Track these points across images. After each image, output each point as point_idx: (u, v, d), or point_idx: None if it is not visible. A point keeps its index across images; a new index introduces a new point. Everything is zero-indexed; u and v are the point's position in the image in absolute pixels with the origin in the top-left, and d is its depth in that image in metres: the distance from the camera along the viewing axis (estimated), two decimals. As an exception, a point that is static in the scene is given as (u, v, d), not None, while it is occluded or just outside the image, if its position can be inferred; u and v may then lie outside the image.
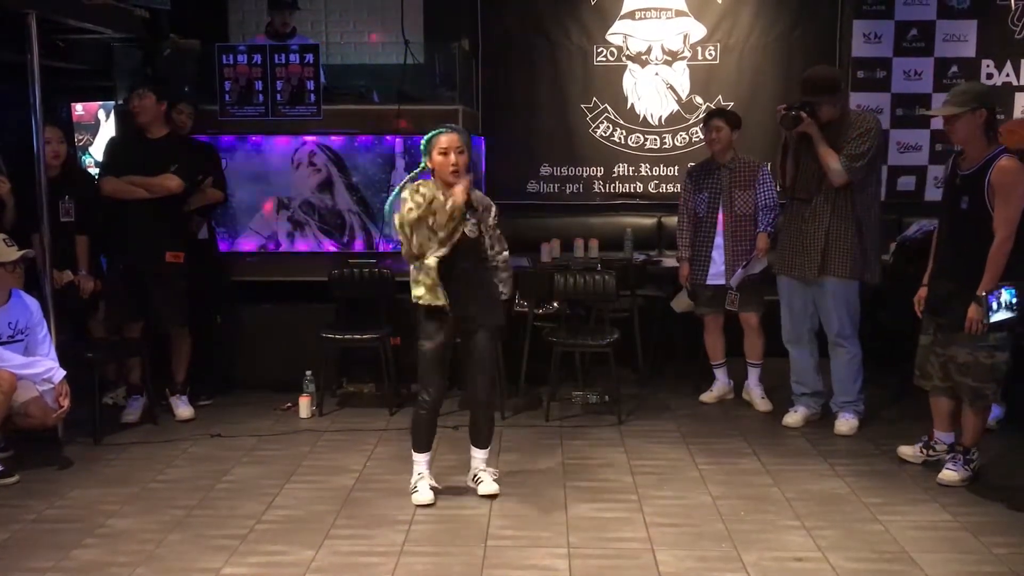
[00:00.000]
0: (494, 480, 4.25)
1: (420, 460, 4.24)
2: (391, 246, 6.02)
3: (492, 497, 4.17)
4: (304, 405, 5.52)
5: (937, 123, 5.24)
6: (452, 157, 3.93)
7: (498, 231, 4.19)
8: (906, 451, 4.69)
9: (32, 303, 4.72)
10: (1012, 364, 4.27)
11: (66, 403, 4.58)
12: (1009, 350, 4.21)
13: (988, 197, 4.10)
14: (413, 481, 4.22)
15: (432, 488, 4.20)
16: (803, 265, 5.07)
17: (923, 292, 4.47)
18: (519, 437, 5.13)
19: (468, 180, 3.97)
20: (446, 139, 3.93)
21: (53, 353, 4.71)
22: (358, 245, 6.07)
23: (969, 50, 7.01)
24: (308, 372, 5.65)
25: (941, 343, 4.35)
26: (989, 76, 6.99)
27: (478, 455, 4.30)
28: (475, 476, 4.28)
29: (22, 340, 4.64)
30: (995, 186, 4.06)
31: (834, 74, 5.24)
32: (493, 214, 4.15)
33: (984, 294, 4.05)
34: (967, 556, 3.63)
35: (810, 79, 4.99)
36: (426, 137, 4.01)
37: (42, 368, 4.56)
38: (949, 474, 4.36)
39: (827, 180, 4.92)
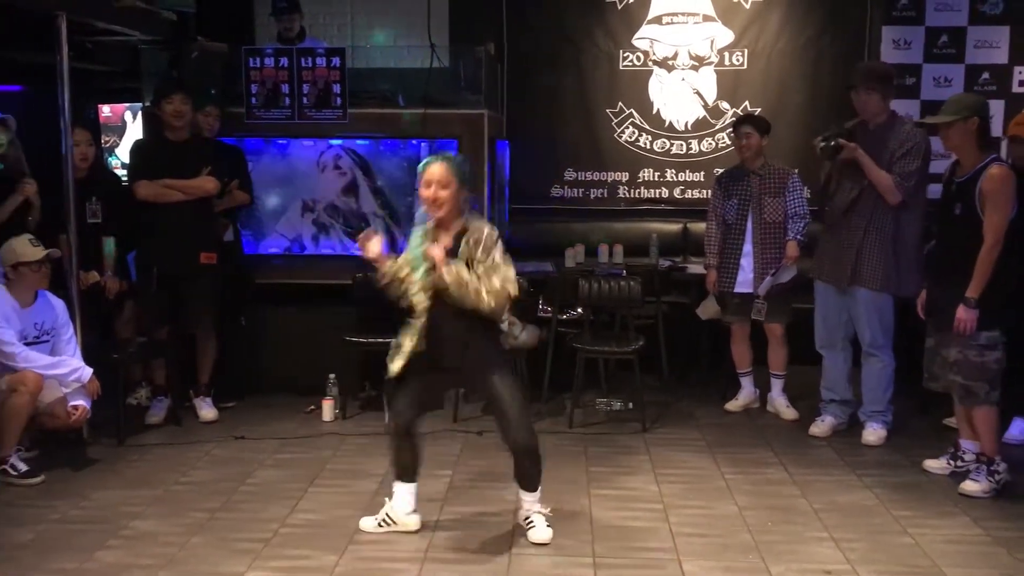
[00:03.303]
0: (548, 525, 3.85)
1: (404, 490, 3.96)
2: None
3: (543, 545, 3.81)
4: (327, 408, 5.51)
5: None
6: (431, 191, 3.66)
7: (492, 258, 3.63)
8: (932, 464, 4.65)
9: (58, 304, 4.75)
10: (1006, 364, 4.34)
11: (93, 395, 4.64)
12: (1001, 350, 4.29)
13: (979, 203, 4.23)
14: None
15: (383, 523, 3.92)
16: (835, 273, 5.03)
17: (924, 295, 4.57)
18: (543, 444, 5.06)
19: (444, 246, 3.65)
20: (427, 172, 3.68)
21: (79, 354, 4.73)
22: (383, 248, 6.02)
23: (1001, 56, 6.92)
24: (331, 375, 5.64)
25: (941, 343, 4.44)
26: (1022, 83, 6.90)
27: (527, 499, 3.89)
28: (527, 519, 3.89)
29: (48, 341, 4.66)
30: (985, 193, 4.21)
31: (891, 69, 5.22)
32: (482, 246, 3.64)
33: (972, 297, 4.19)
34: (1000, 572, 3.56)
35: (865, 67, 5.08)
36: (420, 165, 3.79)
37: (68, 368, 4.58)
38: (971, 485, 4.33)
39: (869, 189, 4.88)
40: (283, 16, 6.38)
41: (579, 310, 6.01)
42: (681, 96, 7.16)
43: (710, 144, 7.17)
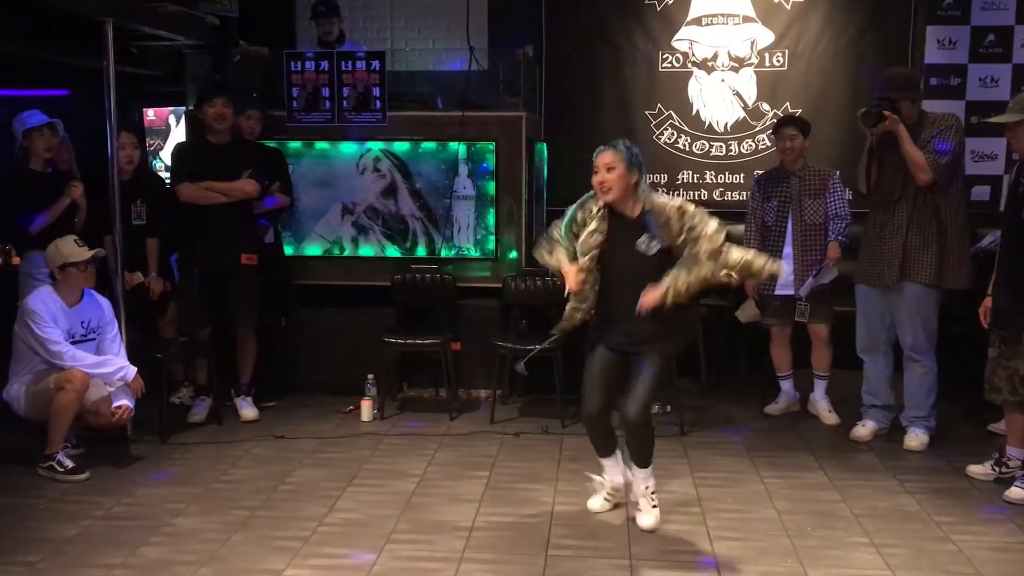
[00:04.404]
0: (653, 506, 3.97)
1: (604, 464, 4.17)
2: (452, 252, 6.04)
3: (651, 532, 3.91)
4: (366, 408, 5.55)
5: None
6: (599, 175, 3.79)
7: (689, 228, 3.67)
8: (976, 470, 4.57)
9: (104, 303, 4.84)
10: None
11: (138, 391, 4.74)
12: None
13: None
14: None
15: (607, 499, 4.16)
16: (882, 271, 4.95)
17: (988, 303, 4.41)
18: (580, 445, 5.08)
19: (580, 266, 3.82)
20: (598, 157, 3.80)
21: (123, 352, 4.82)
22: (421, 250, 6.09)
23: (1050, 56, 6.80)
24: (370, 376, 5.69)
25: (1006, 355, 4.27)
26: (1070, 82, 6.76)
27: (638, 475, 4.00)
28: (636, 502, 4.04)
29: (94, 339, 4.75)
30: None
31: (913, 72, 5.14)
32: (675, 221, 3.71)
33: None
34: (1046, 580, 3.50)
35: (889, 76, 4.95)
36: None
37: (113, 367, 4.66)
38: (1017, 491, 4.24)
39: (910, 182, 4.80)
40: (322, 20, 6.44)
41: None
42: (721, 98, 7.11)
43: (750, 146, 7.12)
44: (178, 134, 8.06)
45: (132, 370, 4.71)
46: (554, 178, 6.97)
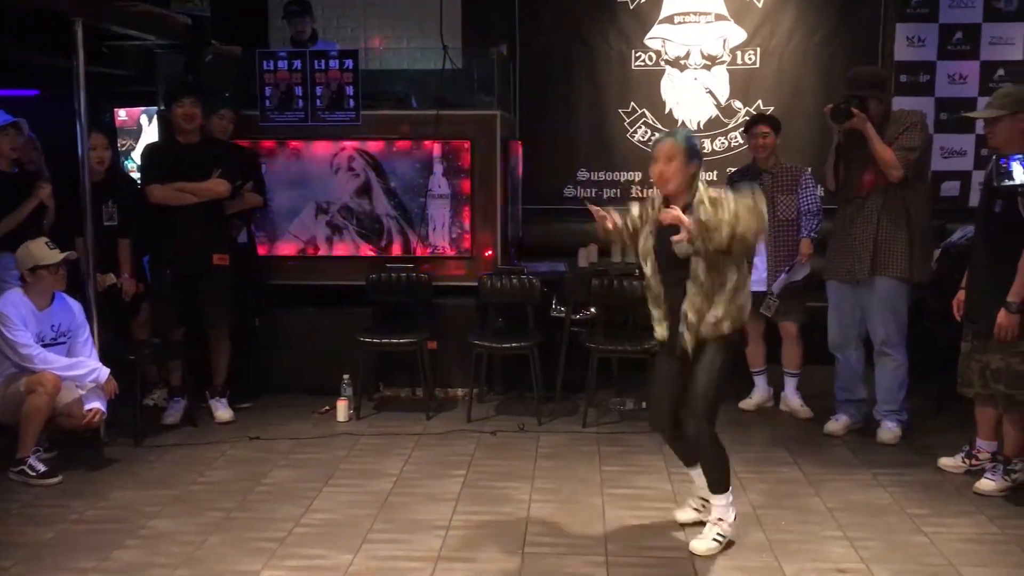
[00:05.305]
0: (715, 539, 3.69)
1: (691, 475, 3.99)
2: (429, 251, 6.04)
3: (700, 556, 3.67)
4: (342, 409, 5.54)
5: (982, 127, 5.16)
6: (657, 167, 3.60)
7: (727, 209, 3.40)
8: (947, 462, 4.63)
9: (75, 305, 4.79)
10: None
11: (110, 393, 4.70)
12: None
13: (1021, 202, 4.05)
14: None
15: (696, 509, 3.95)
16: (853, 267, 4.99)
17: (961, 296, 4.45)
18: (556, 443, 5.11)
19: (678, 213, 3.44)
20: (657, 147, 3.62)
21: (95, 355, 4.78)
22: (396, 249, 6.08)
23: (1016, 53, 6.87)
24: (346, 376, 5.67)
25: (978, 349, 4.31)
26: (1037, 80, 6.86)
27: (713, 501, 3.78)
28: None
29: (65, 342, 4.71)
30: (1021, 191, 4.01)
31: (880, 70, 5.22)
32: (715, 207, 3.44)
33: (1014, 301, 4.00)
34: (1016, 571, 3.55)
35: (857, 75, 4.98)
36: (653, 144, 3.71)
37: (86, 369, 4.62)
38: (986, 483, 4.30)
39: (877, 178, 4.85)
40: (295, 19, 6.42)
41: (592, 309, 6.02)
42: (693, 96, 7.14)
43: (723, 143, 7.16)
44: (150, 134, 7.98)
45: (105, 372, 4.67)
46: (529, 176, 6.98)
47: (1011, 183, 3.83)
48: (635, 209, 3.80)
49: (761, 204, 3.47)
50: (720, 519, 3.74)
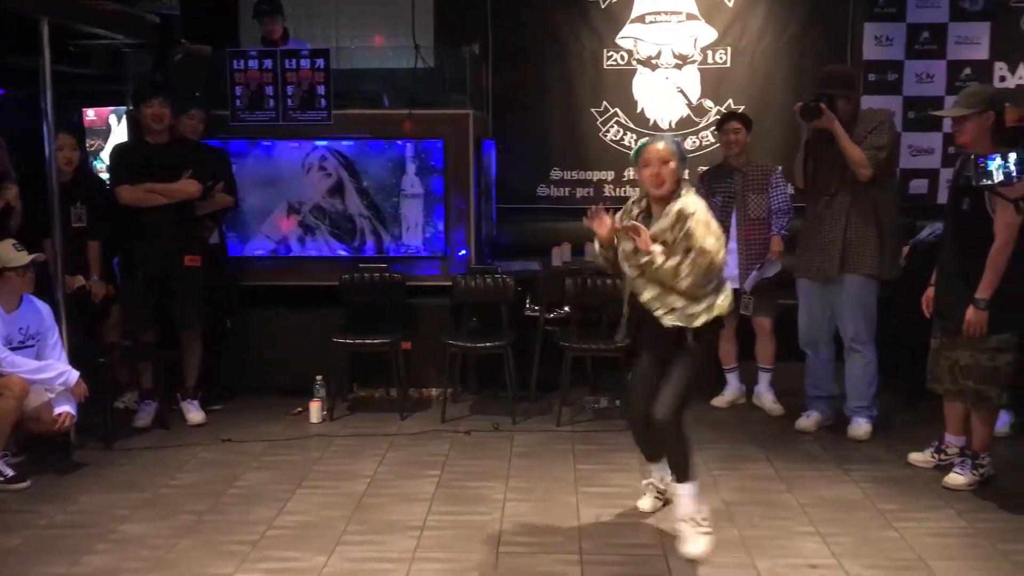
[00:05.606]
0: (702, 533, 3.69)
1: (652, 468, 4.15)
2: (401, 251, 6.03)
3: (698, 559, 3.64)
4: (315, 410, 5.51)
5: (949, 126, 5.22)
6: (653, 168, 3.65)
7: (692, 240, 3.57)
8: (917, 457, 4.68)
9: (44, 308, 4.74)
10: (1018, 367, 4.25)
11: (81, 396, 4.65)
12: (1013, 352, 4.20)
13: (989, 200, 4.10)
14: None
15: (657, 498, 4.11)
16: (823, 264, 5.03)
17: (930, 293, 4.49)
18: (531, 442, 5.11)
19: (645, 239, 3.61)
20: (646, 153, 3.67)
21: (64, 358, 4.72)
22: (369, 250, 6.06)
23: (982, 52, 6.96)
24: (319, 377, 5.64)
25: (947, 346, 4.36)
26: (1002, 79, 6.94)
27: (678, 491, 3.79)
28: (678, 530, 3.77)
29: (33, 345, 4.65)
30: (996, 190, 4.02)
31: (849, 70, 5.27)
32: (676, 223, 3.61)
33: (982, 298, 4.06)
34: (984, 564, 3.59)
35: (826, 73, 5.02)
36: (635, 150, 3.76)
37: (55, 372, 4.56)
38: (955, 477, 4.35)
39: (846, 176, 4.89)
40: (264, 19, 6.38)
41: (566, 308, 6.03)
42: (665, 95, 7.17)
43: (694, 142, 7.19)
44: (119, 134, 7.92)
45: (75, 374, 4.62)
46: (503, 176, 6.98)
47: (990, 183, 3.87)
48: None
49: (712, 256, 3.60)
50: (692, 515, 3.73)
